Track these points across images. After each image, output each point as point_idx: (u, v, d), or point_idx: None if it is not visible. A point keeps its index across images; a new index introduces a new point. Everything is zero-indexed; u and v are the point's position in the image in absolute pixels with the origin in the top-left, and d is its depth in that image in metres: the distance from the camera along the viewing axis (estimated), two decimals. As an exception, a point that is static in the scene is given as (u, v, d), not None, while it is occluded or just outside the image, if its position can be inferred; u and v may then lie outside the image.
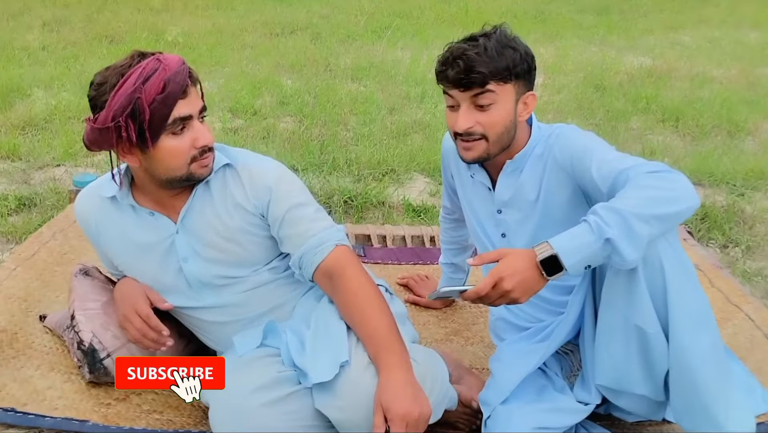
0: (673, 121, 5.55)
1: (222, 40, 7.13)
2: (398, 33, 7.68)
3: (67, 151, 4.31)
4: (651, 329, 1.65)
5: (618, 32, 8.18)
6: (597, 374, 1.81)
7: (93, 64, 6.07)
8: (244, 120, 5.07)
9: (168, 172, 1.74)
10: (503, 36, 1.79)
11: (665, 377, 1.72)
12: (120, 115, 1.62)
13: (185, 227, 1.84)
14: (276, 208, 1.83)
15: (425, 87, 5.87)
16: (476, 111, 1.79)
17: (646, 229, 1.53)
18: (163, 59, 1.66)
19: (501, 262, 1.60)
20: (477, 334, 2.50)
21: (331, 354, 1.70)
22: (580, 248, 1.54)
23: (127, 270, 1.95)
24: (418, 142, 4.80)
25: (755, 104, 6.05)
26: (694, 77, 6.69)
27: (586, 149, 1.79)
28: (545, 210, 1.92)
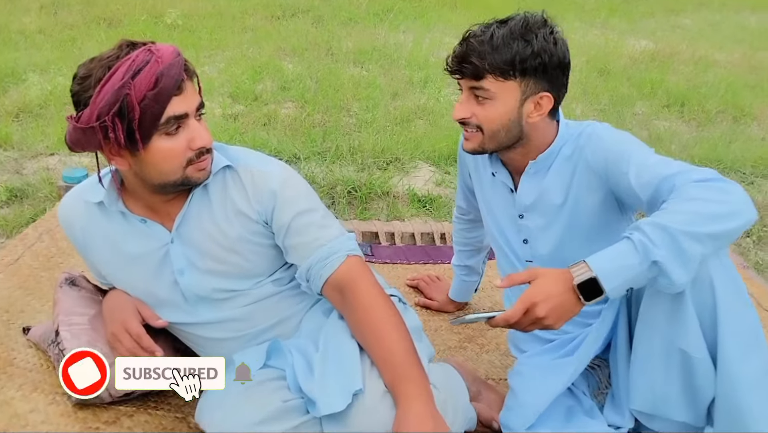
0: (678, 107, 5.37)
1: (222, 23, 6.84)
2: (400, 16, 7.39)
3: (61, 139, 3.99)
4: (697, 353, 1.44)
5: (619, 15, 7.94)
6: (632, 398, 1.60)
7: (90, 48, 5.77)
8: (245, 106, 4.81)
9: (161, 177, 1.50)
10: (521, 25, 1.54)
11: (709, 404, 1.51)
12: (106, 114, 1.38)
13: (181, 235, 1.61)
14: (281, 215, 1.60)
15: (428, 71, 5.61)
16: (474, 102, 1.60)
17: (698, 249, 1.31)
18: (156, 50, 1.41)
19: (533, 285, 1.40)
20: (492, 341, 2.28)
21: (343, 381, 1.48)
22: (623, 270, 1.33)
23: (117, 282, 1.72)
24: (422, 129, 4.56)
25: (759, 89, 5.90)
26: (698, 61, 6.49)
27: (622, 152, 1.55)
28: (572, 216, 1.69)
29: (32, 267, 2.31)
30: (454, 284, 2.38)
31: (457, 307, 2.43)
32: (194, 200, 1.60)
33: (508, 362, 2.17)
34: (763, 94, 5.74)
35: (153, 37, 6.04)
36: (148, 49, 1.41)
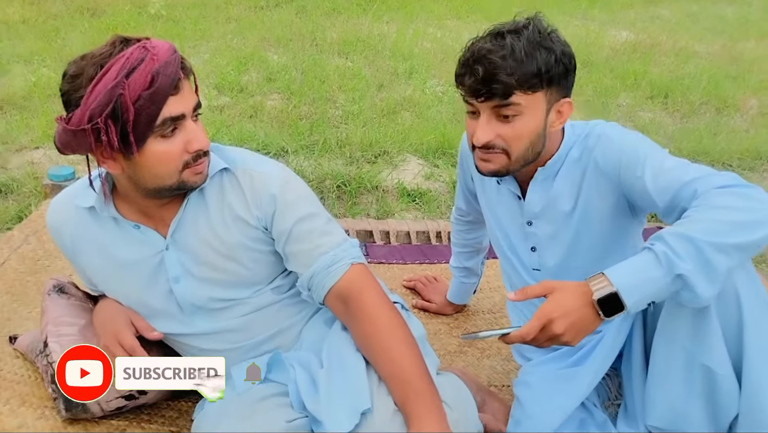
0: (661, 98, 5.31)
1: (206, 13, 6.65)
2: (383, 6, 7.23)
3: (46, 132, 3.87)
4: (721, 370, 1.35)
5: (599, 6, 7.83)
6: (649, 414, 1.50)
7: (74, 39, 5.58)
8: (231, 97, 4.66)
9: (156, 181, 1.39)
10: (536, 33, 1.43)
11: (731, 423, 1.42)
12: (98, 116, 1.27)
13: (176, 242, 1.51)
14: (281, 220, 1.50)
15: (413, 62, 5.46)
16: (498, 122, 1.46)
17: (725, 261, 1.23)
18: (151, 47, 1.31)
19: (550, 299, 1.30)
20: (493, 345, 2.19)
21: (350, 399, 1.39)
22: (645, 283, 1.24)
23: (109, 291, 1.61)
24: (409, 121, 4.45)
25: (740, 79, 5.86)
26: (678, 52, 6.43)
27: (636, 154, 1.45)
28: (582, 223, 1.59)
29: (18, 271, 2.18)
30: (452, 285, 2.28)
31: (456, 309, 2.34)
32: (190, 205, 1.49)
33: (510, 367, 2.09)
34: (744, 85, 5.68)
35: (136, 27, 5.91)
36: (143, 46, 1.30)
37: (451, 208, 3.55)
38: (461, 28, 6.73)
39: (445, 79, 5.27)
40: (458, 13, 7.23)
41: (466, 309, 2.36)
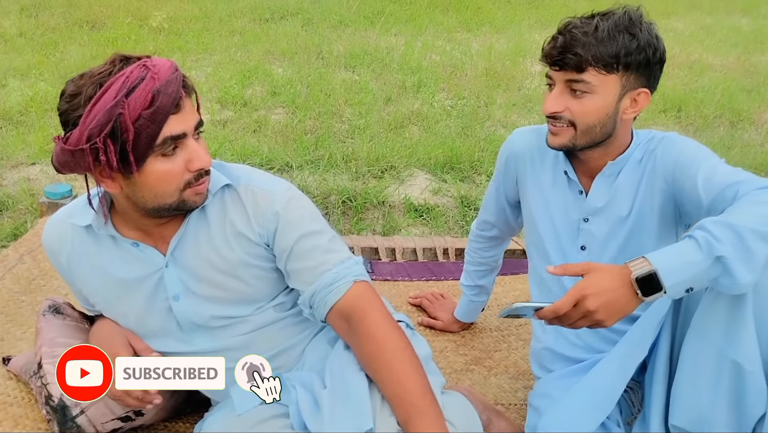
0: (675, 111, 5.33)
1: (209, 26, 6.70)
2: (391, 19, 7.28)
3: (43, 148, 3.88)
4: (750, 366, 1.36)
5: (611, 19, 7.87)
6: (674, 412, 1.49)
7: (73, 52, 5.64)
8: (234, 112, 4.68)
9: (156, 200, 1.39)
10: (626, 19, 1.49)
11: (755, 427, 1.42)
12: (97, 135, 1.26)
13: (176, 259, 1.50)
14: (284, 237, 1.49)
15: (421, 76, 5.50)
16: (569, 95, 1.54)
17: (764, 249, 1.27)
18: (151, 65, 1.30)
19: (586, 277, 1.33)
20: (500, 363, 2.17)
21: (353, 419, 1.37)
22: (685, 266, 1.27)
23: (107, 310, 1.59)
24: (417, 135, 4.46)
25: (755, 93, 5.88)
26: (692, 65, 6.45)
27: (695, 156, 1.51)
28: (633, 231, 1.64)
29: (12, 291, 2.17)
30: (461, 303, 2.26)
31: (462, 327, 2.32)
32: (191, 222, 1.49)
33: (517, 385, 2.07)
34: (759, 98, 5.69)
35: (137, 40, 5.95)
36: (143, 64, 1.30)
37: (459, 224, 3.54)
38: (470, 40, 6.77)
39: (454, 92, 5.30)
40: (468, 26, 7.28)
41: (472, 327, 2.34)
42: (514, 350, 2.25)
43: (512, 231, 2.04)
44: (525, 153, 1.78)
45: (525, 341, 2.28)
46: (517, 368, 2.16)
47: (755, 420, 1.41)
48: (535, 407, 1.69)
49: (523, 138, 1.80)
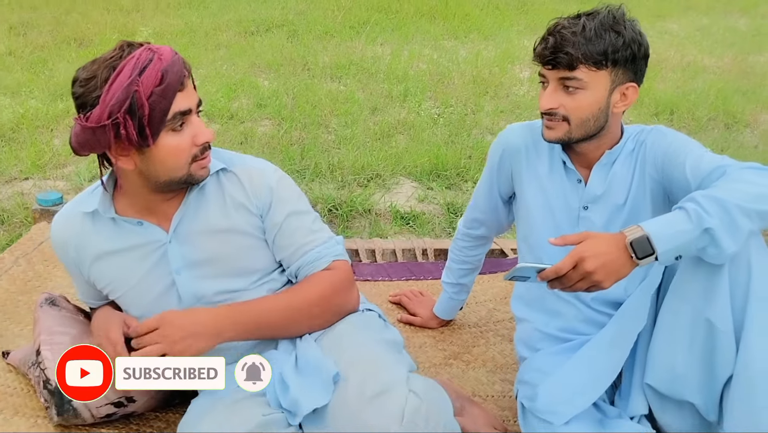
0: (667, 114, 5.53)
1: (195, 40, 6.97)
2: (377, 28, 7.55)
3: (35, 163, 4.14)
4: (723, 326, 1.58)
5: (605, 23, 8.11)
6: (649, 372, 1.73)
7: (62, 69, 5.91)
8: (221, 124, 4.93)
9: (168, 173, 1.62)
10: (610, 17, 1.69)
11: (722, 391, 1.64)
12: (117, 111, 1.48)
13: (178, 235, 1.73)
14: (276, 212, 1.76)
15: (407, 84, 5.76)
16: (562, 92, 1.73)
17: (747, 223, 1.48)
18: (156, 49, 1.53)
19: (584, 242, 1.52)
20: (478, 357, 2.38)
21: (318, 375, 1.61)
22: (676, 235, 1.48)
23: (113, 291, 1.81)
24: (403, 144, 4.70)
25: (751, 94, 6.04)
26: (686, 67, 6.67)
27: (684, 145, 1.73)
28: (631, 214, 1.84)
29: (9, 291, 2.40)
30: (441, 300, 2.46)
31: (440, 323, 2.53)
32: (191, 200, 1.72)
33: (495, 378, 2.27)
34: (755, 99, 5.90)
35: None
36: (149, 48, 1.53)
37: (446, 230, 3.76)
38: (458, 48, 7.02)
39: (441, 100, 5.54)
40: (455, 33, 7.54)
41: (451, 323, 2.55)
42: (492, 345, 2.45)
43: (500, 229, 2.22)
44: (520, 147, 1.96)
45: (503, 336, 2.48)
46: (494, 362, 2.36)
47: (724, 380, 1.62)
48: (527, 381, 1.87)
49: (517, 133, 1.99)
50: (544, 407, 1.77)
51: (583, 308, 1.93)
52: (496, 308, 2.61)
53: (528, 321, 2.05)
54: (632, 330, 1.77)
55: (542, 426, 1.76)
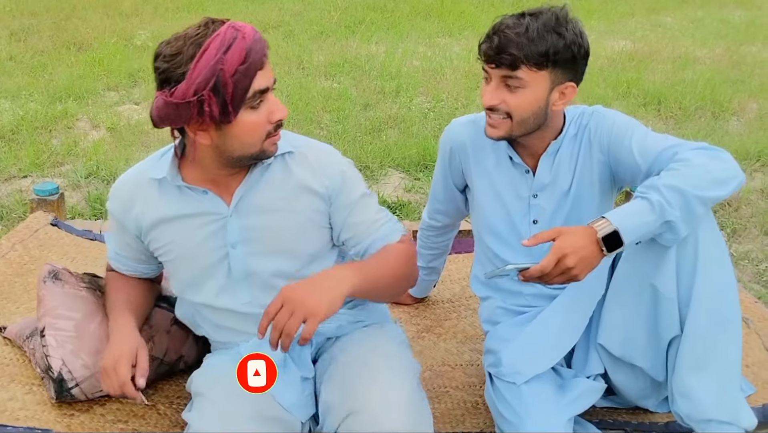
0: (655, 105, 5.65)
1: (192, 42, 7.15)
2: (372, 27, 7.72)
3: (34, 161, 4.34)
4: (667, 293, 1.73)
5: (598, 15, 8.25)
6: (601, 332, 1.88)
7: (61, 73, 6.11)
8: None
9: (242, 149, 1.66)
10: (554, 19, 1.76)
11: (667, 353, 1.80)
12: (203, 89, 1.53)
13: (239, 210, 1.78)
14: (349, 193, 1.83)
15: (400, 81, 5.93)
16: (505, 90, 1.81)
17: (701, 209, 1.62)
18: (239, 27, 1.58)
19: (561, 239, 1.63)
20: (449, 330, 2.55)
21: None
22: (641, 227, 1.60)
23: (166, 253, 1.86)
24: (394, 138, 4.86)
25: (740, 83, 6.14)
26: (677, 59, 6.78)
27: (626, 126, 1.85)
28: (576, 200, 1.97)
29: (6, 274, 2.56)
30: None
31: (415, 300, 2.70)
32: (255, 176, 1.77)
33: (464, 348, 2.44)
34: (744, 88, 6.01)
35: (123, 59, 6.40)
36: (232, 26, 1.56)
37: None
38: (452, 45, 7.18)
39: (432, 95, 5.70)
40: (450, 31, 7.69)
41: (426, 299, 2.72)
42: (463, 318, 2.62)
43: (462, 215, 2.34)
44: (466, 142, 2.06)
45: (473, 310, 2.63)
46: (464, 334, 2.52)
47: (667, 342, 1.78)
48: (492, 349, 2.02)
49: (461, 129, 2.08)
50: (507, 369, 1.90)
51: (538, 286, 2.04)
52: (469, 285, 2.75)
53: (489, 298, 2.19)
54: (591, 297, 1.91)
55: (507, 388, 1.89)
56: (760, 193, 4.23)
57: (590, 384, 1.91)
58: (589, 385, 1.90)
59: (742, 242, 3.79)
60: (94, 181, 4.28)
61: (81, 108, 5.40)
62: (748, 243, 3.78)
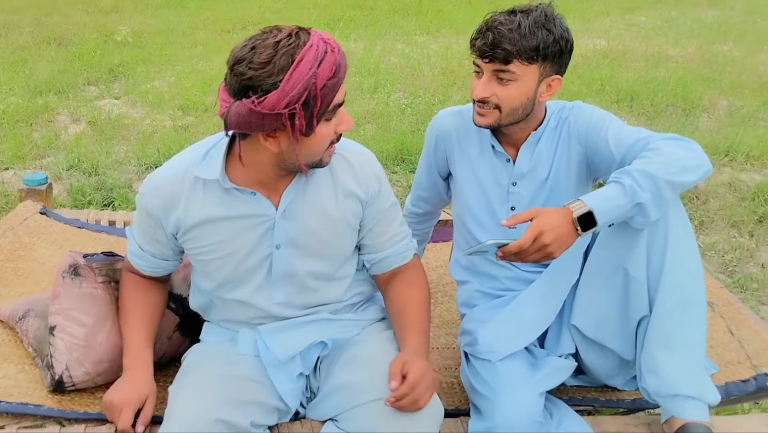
0: (627, 101, 5.78)
1: (173, 39, 7.21)
2: (351, 24, 7.83)
3: (16, 154, 4.42)
4: (637, 275, 1.85)
5: (574, 15, 8.39)
6: (575, 314, 2.00)
7: (42, 68, 6.17)
8: (195, 117, 5.18)
9: (308, 158, 1.66)
10: (542, 15, 1.86)
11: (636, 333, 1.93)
12: (296, 102, 1.51)
13: (287, 213, 1.79)
14: (383, 200, 1.89)
15: (378, 77, 6.04)
16: (496, 83, 1.91)
17: (671, 195, 1.74)
18: (327, 39, 1.56)
19: (538, 218, 1.71)
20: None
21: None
22: (614, 209, 1.71)
23: (206, 253, 1.85)
24: (371, 132, 4.97)
25: (711, 81, 6.28)
26: (650, 57, 6.93)
27: (603, 119, 1.97)
28: (553, 189, 2.08)
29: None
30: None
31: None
32: (303, 179, 1.78)
33: (440, 332, 2.55)
34: (714, 85, 6.16)
35: (103, 55, 6.47)
36: (322, 38, 1.55)
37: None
38: (430, 42, 7.30)
39: (410, 91, 5.82)
40: (428, 29, 7.81)
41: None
42: (440, 304, 2.72)
43: (443, 203, 2.44)
44: (451, 132, 2.16)
45: (450, 297, 2.74)
46: (441, 319, 2.63)
47: (636, 321, 1.90)
48: (468, 330, 2.12)
49: (448, 119, 2.18)
50: (483, 348, 2.01)
51: (515, 270, 2.17)
52: (446, 272, 2.86)
53: (467, 283, 2.29)
54: (566, 281, 2.03)
55: (482, 366, 2.00)
56: (728, 187, 4.37)
57: (561, 362, 2.02)
58: (560, 363, 2.01)
59: (709, 234, 3.94)
60: (76, 174, 4.36)
61: (61, 102, 5.47)
62: (715, 235, 3.93)
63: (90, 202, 4.01)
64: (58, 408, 1.97)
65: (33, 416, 1.95)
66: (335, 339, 1.93)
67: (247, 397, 1.79)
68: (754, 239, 3.91)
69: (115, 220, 3.10)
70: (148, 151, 4.61)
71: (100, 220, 3.09)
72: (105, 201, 4.05)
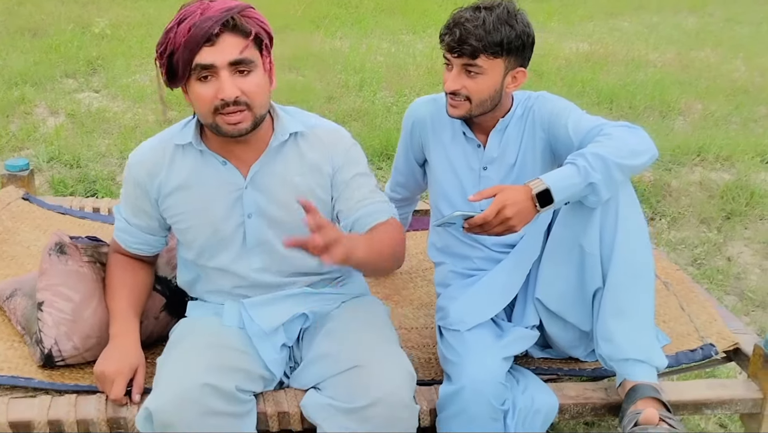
0: (607, 104, 5.93)
1: (153, 31, 7.18)
2: (337, 22, 7.90)
3: (-4, 143, 4.46)
4: (591, 251, 2.01)
5: (558, 18, 8.54)
6: (539, 288, 2.16)
7: (15, 59, 6.18)
8: (178, 111, 5.23)
9: (202, 118, 1.86)
10: (505, 12, 2.03)
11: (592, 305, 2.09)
12: (159, 50, 1.79)
13: (255, 183, 1.96)
14: (346, 170, 2.01)
15: (364, 75, 6.12)
16: (465, 76, 2.08)
17: (620, 176, 1.91)
18: (206, 6, 1.76)
19: (501, 193, 1.87)
20: (406, 298, 2.80)
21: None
22: (568, 187, 1.88)
23: (181, 221, 2.02)
24: (357, 130, 5.05)
25: (688, 85, 6.45)
26: (630, 61, 7.07)
27: (566, 108, 2.15)
28: (521, 170, 2.24)
29: (-21, 243, 2.71)
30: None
31: (376, 272, 2.91)
32: (270, 153, 1.96)
33: (419, 314, 2.69)
34: (691, 90, 6.32)
35: (80, 46, 6.49)
36: (201, 6, 1.76)
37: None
38: (415, 42, 7.40)
39: (395, 90, 5.92)
40: (413, 28, 7.90)
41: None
42: (420, 288, 2.87)
43: (420, 189, 2.64)
44: (426, 118, 2.34)
45: (429, 281, 2.86)
46: (420, 301, 2.78)
47: (592, 292, 2.06)
48: (442, 306, 2.29)
49: (423, 107, 2.36)
50: (453, 319, 2.17)
51: (486, 250, 2.34)
52: (425, 258, 2.97)
53: (443, 264, 2.45)
54: (528, 259, 2.20)
55: (452, 336, 2.15)
56: (698, 185, 4.56)
57: (525, 331, 2.19)
58: (524, 332, 2.19)
59: (680, 229, 4.15)
60: (57, 166, 4.41)
61: (39, 94, 5.49)
62: (686, 230, 4.13)
63: (72, 193, 4.06)
64: (48, 381, 2.05)
65: (24, 388, 2.03)
66: (316, 312, 2.06)
67: (233, 364, 1.89)
68: (721, 234, 4.12)
69: (99, 207, 3.17)
70: (131, 145, 4.63)
71: (84, 207, 3.16)
72: (88, 193, 4.11)
